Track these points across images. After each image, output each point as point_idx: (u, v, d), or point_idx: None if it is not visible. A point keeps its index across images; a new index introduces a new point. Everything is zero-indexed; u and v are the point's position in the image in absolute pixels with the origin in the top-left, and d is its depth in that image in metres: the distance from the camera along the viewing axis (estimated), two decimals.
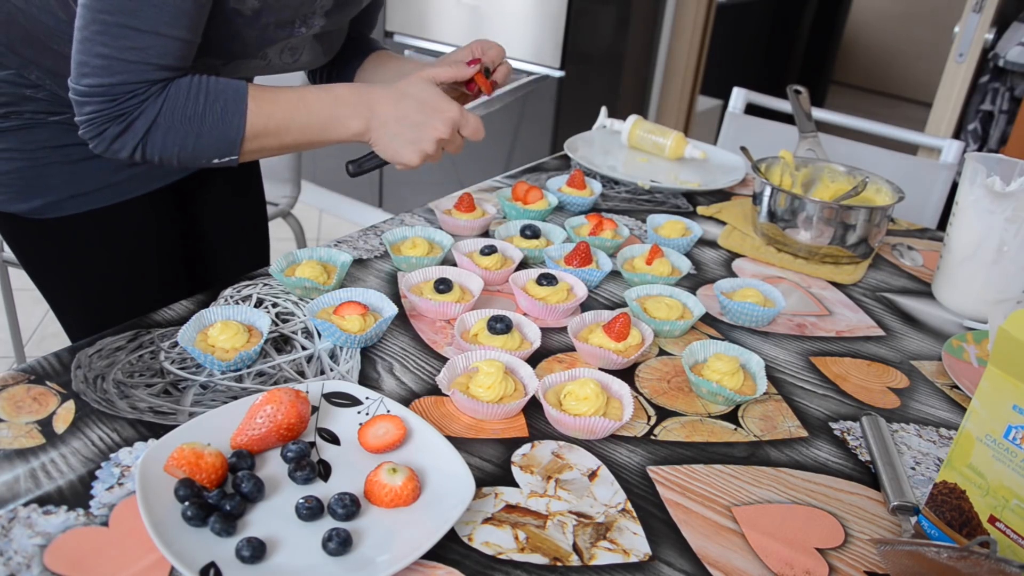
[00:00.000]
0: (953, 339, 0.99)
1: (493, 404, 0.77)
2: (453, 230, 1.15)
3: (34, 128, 0.97)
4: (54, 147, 0.98)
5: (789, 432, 0.82)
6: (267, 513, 0.64)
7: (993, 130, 2.36)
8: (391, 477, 0.65)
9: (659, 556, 0.65)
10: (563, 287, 0.97)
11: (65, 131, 0.98)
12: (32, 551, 0.59)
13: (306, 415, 0.71)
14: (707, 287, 1.09)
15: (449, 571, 0.61)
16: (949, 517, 0.66)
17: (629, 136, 1.56)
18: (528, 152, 2.59)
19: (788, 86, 1.45)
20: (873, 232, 1.16)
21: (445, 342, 0.91)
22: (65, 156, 0.99)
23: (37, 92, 0.95)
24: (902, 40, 5.34)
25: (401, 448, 0.71)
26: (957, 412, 0.88)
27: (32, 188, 1.00)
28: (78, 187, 1.01)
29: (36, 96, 0.96)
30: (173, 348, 0.85)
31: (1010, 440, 0.60)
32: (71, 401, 0.75)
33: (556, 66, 2.46)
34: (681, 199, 1.39)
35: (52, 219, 1.01)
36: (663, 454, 0.77)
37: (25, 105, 0.96)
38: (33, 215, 1.01)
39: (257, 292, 0.97)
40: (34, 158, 0.98)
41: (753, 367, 0.87)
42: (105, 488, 0.65)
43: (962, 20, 2.28)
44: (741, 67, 3.89)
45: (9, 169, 0.98)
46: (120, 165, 1.03)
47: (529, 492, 0.70)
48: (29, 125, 0.97)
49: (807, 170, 1.30)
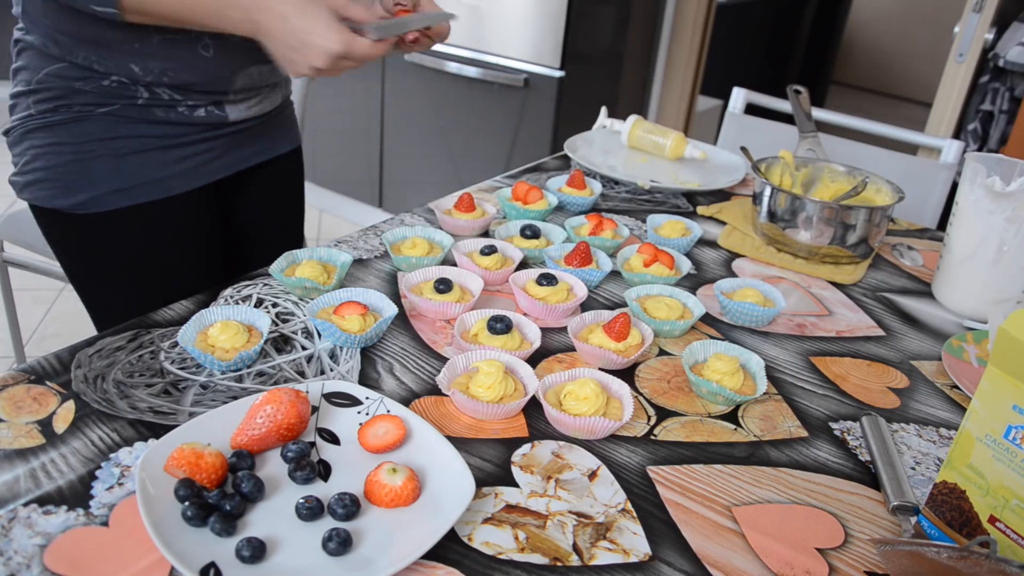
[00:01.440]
0: (953, 339, 0.99)
1: (493, 404, 0.77)
2: (453, 230, 1.15)
3: (83, 121, 0.98)
4: (102, 140, 0.99)
5: (789, 432, 0.82)
6: (267, 513, 0.64)
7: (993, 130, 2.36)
8: (391, 477, 0.65)
9: (659, 556, 0.65)
10: (563, 287, 0.97)
11: (114, 123, 0.99)
12: (32, 551, 0.59)
13: (306, 415, 0.71)
14: (707, 287, 1.09)
15: (449, 571, 0.61)
16: (949, 517, 0.66)
17: (629, 136, 1.56)
18: (528, 152, 2.59)
19: (788, 86, 1.45)
20: (873, 232, 1.16)
21: (445, 342, 0.91)
22: (113, 149, 1.00)
23: (86, 84, 0.96)
24: (902, 40, 5.34)
25: (401, 448, 0.71)
26: (957, 412, 0.88)
27: (78, 182, 1.00)
28: (123, 182, 1.01)
29: (85, 88, 0.96)
30: (173, 348, 0.85)
31: (1010, 440, 0.60)
32: (71, 401, 0.75)
33: (556, 66, 2.46)
34: (681, 199, 1.39)
35: (94, 214, 1.02)
36: (663, 454, 0.77)
37: (75, 98, 0.97)
38: (76, 210, 1.01)
39: (257, 292, 0.97)
40: (82, 151, 0.99)
41: (753, 367, 0.87)
42: (105, 488, 0.65)
43: (962, 20, 2.28)
44: (741, 67, 3.88)
45: (57, 163, 0.99)
46: (168, 161, 1.04)
47: (529, 492, 0.70)
48: (78, 118, 0.97)
49: (807, 170, 1.30)
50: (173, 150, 1.04)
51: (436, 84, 2.72)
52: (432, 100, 2.77)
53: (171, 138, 1.03)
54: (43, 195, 1.01)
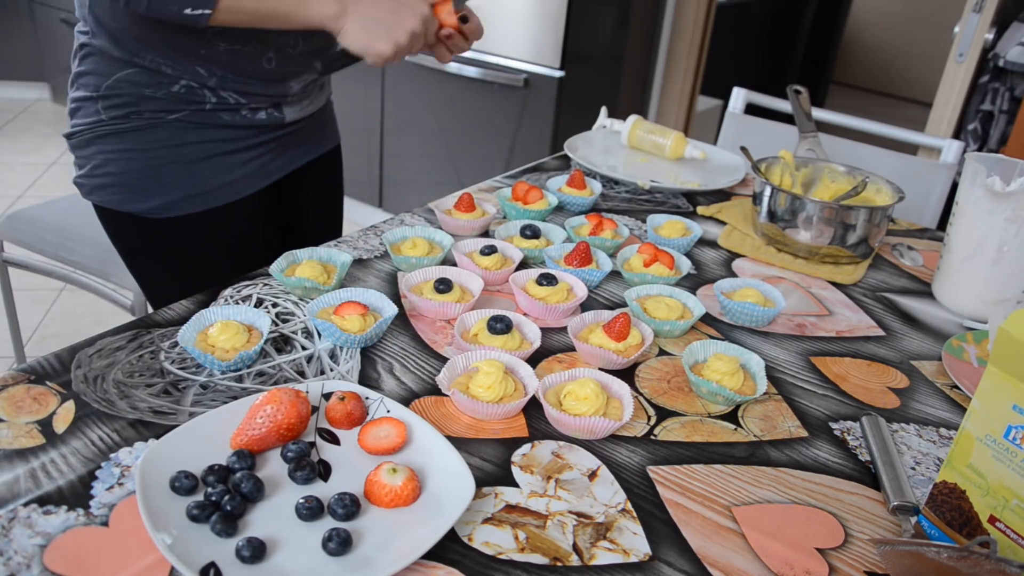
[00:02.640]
0: (953, 339, 0.99)
1: (493, 404, 0.77)
2: (453, 230, 1.15)
3: (154, 128, 0.99)
4: (173, 146, 1.01)
5: (789, 432, 0.82)
6: (267, 513, 0.64)
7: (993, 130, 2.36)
8: (391, 477, 0.65)
9: (659, 556, 0.65)
10: (563, 287, 0.97)
11: (184, 130, 1.00)
12: (32, 551, 0.59)
13: (306, 415, 0.71)
14: (707, 287, 1.09)
15: (449, 571, 0.61)
16: (949, 517, 0.66)
17: (629, 136, 1.56)
18: (528, 152, 2.59)
19: (788, 86, 1.45)
20: (873, 232, 1.16)
21: (445, 342, 0.91)
22: (183, 156, 1.02)
23: (156, 90, 0.98)
24: (902, 40, 5.34)
25: (401, 448, 0.71)
26: (957, 412, 0.88)
27: (150, 188, 1.02)
28: (194, 187, 1.04)
29: (155, 95, 0.98)
30: (173, 348, 0.85)
31: (1010, 440, 0.60)
32: (71, 401, 0.75)
33: (556, 66, 2.46)
34: (681, 199, 1.39)
35: (166, 219, 1.04)
36: (663, 454, 0.77)
37: (145, 105, 0.98)
38: (149, 214, 1.03)
39: (257, 292, 0.97)
40: (154, 158, 1.00)
41: (753, 367, 0.87)
42: (105, 488, 0.65)
43: (962, 20, 2.28)
44: (741, 67, 3.89)
45: (129, 169, 1.01)
46: (234, 164, 1.06)
47: (529, 492, 0.70)
48: (150, 125, 0.99)
49: (807, 170, 1.30)
50: (238, 154, 1.07)
51: (436, 84, 2.72)
52: (432, 100, 2.77)
53: (235, 141, 1.06)
54: (115, 199, 1.03)
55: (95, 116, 1.00)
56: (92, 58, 0.99)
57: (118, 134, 1.00)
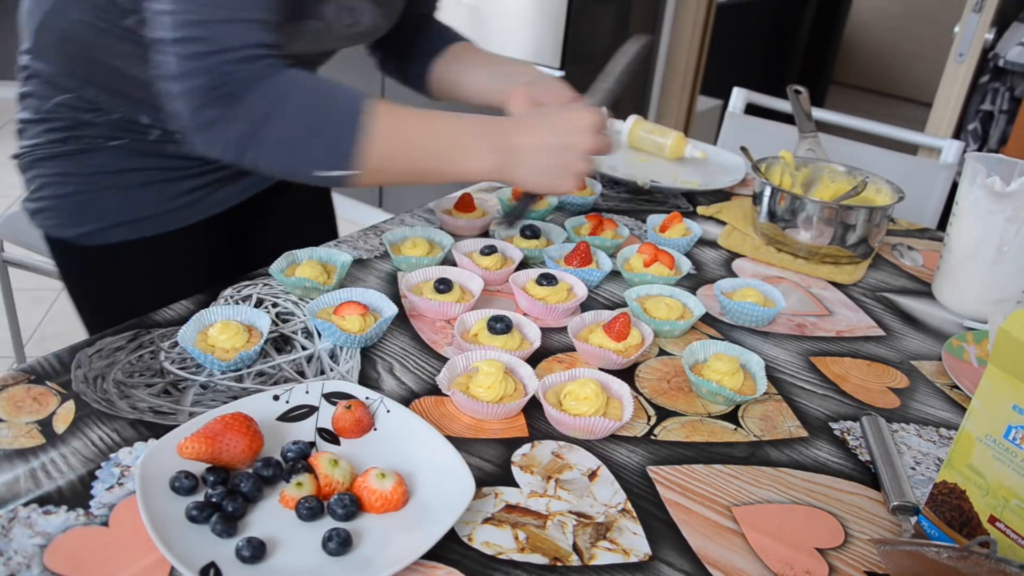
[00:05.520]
0: (953, 339, 0.99)
1: (493, 404, 0.77)
2: (453, 230, 1.15)
3: (92, 152, 0.96)
4: (111, 172, 0.97)
5: (789, 432, 0.82)
6: (267, 513, 0.64)
7: (993, 130, 2.36)
8: (380, 482, 0.65)
9: (659, 556, 0.65)
10: (563, 287, 0.97)
11: (123, 156, 0.96)
12: (32, 551, 0.59)
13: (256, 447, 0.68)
14: (707, 287, 1.09)
15: (449, 571, 0.61)
16: (949, 517, 0.66)
17: (629, 136, 1.56)
18: None
19: (788, 86, 1.45)
20: (873, 232, 1.16)
21: (445, 342, 0.91)
22: (121, 182, 0.97)
23: (97, 116, 0.94)
24: (902, 40, 5.34)
25: (401, 448, 0.71)
26: (957, 412, 0.88)
27: (84, 213, 0.98)
28: (130, 214, 0.99)
29: (96, 121, 0.94)
30: (173, 348, 0.85)
31: (1010, 440, 0.60)
32: (71, 401, 0.75)
33: (556, 66, 2.46)
34: (681, 199, 1.39)
35: (100, 246, 1.00)
36: (663, 454, 0.77)
37: (84, 130, 0.95)
38: (81, 241, 0.99)
39: (257, 292, 0.97)
40: (90, 183, 0.97)
41: (753, 367, 0.87)
42: (105, 488, 0.65)
43: (962, 20, 2.28)
44: (741, 67, 3.88)
45: (64, 193, 0.97)
46: (176, 192, 1.01)
47: (529, 492, 0.70)
48: (88, 149, 0.96)
49: (807, 170, 1.30)
50: (182, 181, 1.01)
51: None
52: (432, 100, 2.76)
53: (180, 170, 1.00)
54: (51, 224, 0.99)
55: (35, 139, 0.97)
56: (33, 80, 0.95)
57: (56, 157, 0.96)
